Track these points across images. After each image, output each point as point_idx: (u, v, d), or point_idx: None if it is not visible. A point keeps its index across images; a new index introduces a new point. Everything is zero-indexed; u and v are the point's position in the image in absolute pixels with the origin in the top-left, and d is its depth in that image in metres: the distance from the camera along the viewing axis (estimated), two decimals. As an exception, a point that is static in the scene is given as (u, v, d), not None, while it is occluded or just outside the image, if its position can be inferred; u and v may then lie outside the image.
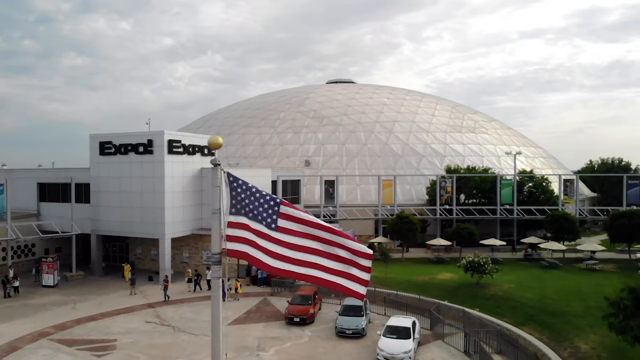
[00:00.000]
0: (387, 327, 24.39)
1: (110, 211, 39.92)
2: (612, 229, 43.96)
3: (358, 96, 76.82)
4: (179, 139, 38.66)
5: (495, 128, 76.78)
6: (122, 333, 27.01)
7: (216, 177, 6.03)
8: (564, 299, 29.39)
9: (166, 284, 33.65)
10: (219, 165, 5.96)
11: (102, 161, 39.97)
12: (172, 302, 33.25)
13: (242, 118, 74.12)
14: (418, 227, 45.78)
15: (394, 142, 65.74)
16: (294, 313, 28.44)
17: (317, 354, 23.99)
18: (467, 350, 23.78)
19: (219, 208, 6.05)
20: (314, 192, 58.55)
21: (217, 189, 5.97)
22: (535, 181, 56.06)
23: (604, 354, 21.35)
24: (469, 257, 33.68)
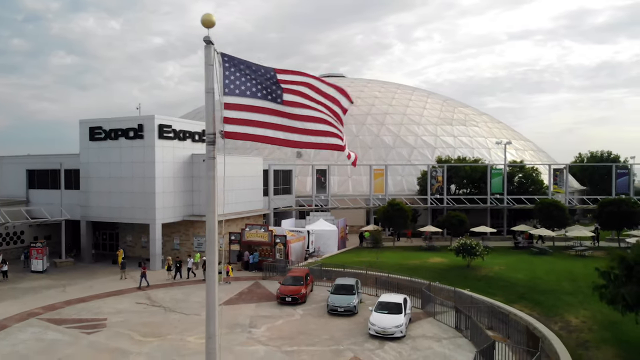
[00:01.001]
0: (378, 303, 24.42)
1: (100, 197, 39.64)
2: (602, 217, 44.36)
3: (349, 89, 75.97)
4: (170, 123, 38.49)
5: (486, 121, 77.27)
6: (112, 313, 26.83)
7: (210, 55, 5.98)
8: (554, 279, 29.61)
9: (144, 270, 32.78)
10: (212, 44, 5.91)
11: (92, 147, 39.68)
12: (163, 285, 33.10)
13: (234, 110, 73.84)
14: (409, 214, 45.89)
15: (385, 134, 65.91)
16: (286, 293, 28.41)
17: (309, 329, 23.98)
18: (459, 326, 23.88)
19: (212, 87, 6.01)
20: (306, 183, 58.58)
21: (210, 67, 5.92)
22: (525, 171, 56.47)
23: (594, 327, 21.52)
24: (461, 240, 33.84)
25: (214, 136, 6.21)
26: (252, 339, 22.81)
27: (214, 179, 7.00)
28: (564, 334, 21.53)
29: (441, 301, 26.37)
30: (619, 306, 18.64)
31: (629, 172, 51.99)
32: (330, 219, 46.41)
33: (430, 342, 22.16)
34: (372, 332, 22.63)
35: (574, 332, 21.54)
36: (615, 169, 51.87)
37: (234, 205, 42.59)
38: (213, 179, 6.74)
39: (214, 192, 6.80)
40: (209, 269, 7.15)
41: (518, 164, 57.54)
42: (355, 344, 21.96)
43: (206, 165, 6.67)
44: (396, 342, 22.05)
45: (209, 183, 6.75)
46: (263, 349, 21.49)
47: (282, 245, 37.54)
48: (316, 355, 20.68)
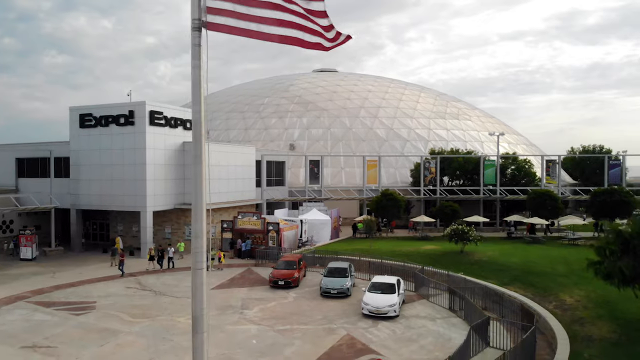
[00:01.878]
0: (372, 283, 24.24)
1: (90, 185, 39.17)
2: (594, 206, 44.45)
3: (343, 83, 76.74)
4: (161, 110, 38.08)
5: (479, 116, 77.34)
6: (101, 296, 26.46)
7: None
8: (547, 263, 29.54)
9: (122, 258, 31.70)
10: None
11: (82, 134, 39.19)
12: (153, 271, 32.64)
13: (226, 104, 73.47)
14: (402, 204, 45.74)
15: (378, 127, 65.77)
16: (279, 277, 28.14)
17: (302, 310, 23.73)
18: (452, 307, 23.70)
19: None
20: (299, 175, 58.27)
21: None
22: (518, 163, 56.50)
23: (589, 305, 21.41)
24: (454, 225, 33.72)
25: (199, 22, 5.92)
26: (244, 319, 22.54)
27: (202, 111, 6.76)
28: (558, 312, 21.41)
29: (435, 284, 26.22)
30: (615, 281, 18.54)
31: (621, 164, 52.16)
32: (324, 209, 46.17)
33: (424, 322, 21.97)
34: (366, 311, 22.42)
35: (569, 310, 21.42)
36: (607, 160, 52.05)
37: (225, 194, 42.26)
38: (200, 113, 6.53)
39: (201, 176, 6.58)
40: (195, 244, 6.91)
41: (511, 155, 57.59)
42: (349, 322, 21.73)
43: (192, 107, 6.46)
44: (389, 321, 21.85)
45: (196, 148, 6.54)
46: (255, 327, 21.22)
47: (274, 232, 37.26)
48: (309, 333, 20.44)
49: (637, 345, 16.94)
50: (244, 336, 20.11)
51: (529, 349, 17.00)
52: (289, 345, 19.04)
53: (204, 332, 7.07)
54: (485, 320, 18.92)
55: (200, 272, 7.27)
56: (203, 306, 7.25)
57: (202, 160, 7.10)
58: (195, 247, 7.08)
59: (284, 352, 18.26)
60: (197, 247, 7.06)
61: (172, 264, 33.64)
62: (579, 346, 17.44)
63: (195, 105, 7.18)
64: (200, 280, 7.05)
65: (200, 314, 7.08)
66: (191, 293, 7.19)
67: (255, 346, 18.97)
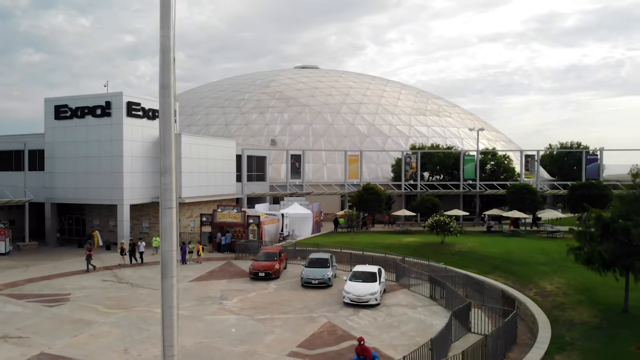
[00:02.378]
0: (353, 272, 24.05)
1: (66, 178, 38.26)
2: (573, 200, 44.92)
3: (324, 79, 76.53)
4: (139, 101, 37.36)
5: (458, 113, 77.88)
6: (76, 289, 25.79)
7: None
8: (527, 254, 29.65)
9: (89, 252, 30.27)
10: None
11: (58, 125, 38.27)
12: (131, 265, 31.92)
13: (206, 99, 72.70)
14: (384, 198, 45.67)
15: (360, 123, 65.72)
16: (259, 268, 27.75)
17: (282, 300, 23.41)
18: (433, 296, 23.62)
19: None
20: (280, 171, 57.86)
21: None
22: (497, 159, 56.92)
23: (569, 292, 21.48)
24: (435, 217, 33.72)
25: None
26: (223, 309, 22.14)
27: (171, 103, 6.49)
28: (539, 299, 21.46)
29: (415, 274, 26.13)
30: (596, 266, 18.61)
31: (598, 158, 52.90)
32: (305, 203, 45.85)
33: (405, 310, 21.83)
34: (347, 300, 22.20)
35: (549, 297, 21.48)
36: (585, 155, 52.77)
37: (206, 188, 41.71)
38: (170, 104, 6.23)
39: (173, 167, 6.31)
40: (164, 234, 6.66)
41: (490, 151, 58.02)
42: (330, 311, 21.48)
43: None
44: (371, 309, 21.66)
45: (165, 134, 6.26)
46: (234, 317, 20.84)
47: (255, 226, 36.83)
48: (289, 321, 20.13)
49: (619, 328, 16.99)
50: (223, 325, 19.72)
51: (511, 332, 16.97)
52: (269, 333, 18.71)
53: (174, 303, 6.85)
54: (467, 306, 18.84)
55: (169, 254, 7.03)
56: (173, 282, 7.03)
57: (172, 148, 6.86)
58: (164, 229, 6.85)
59: (264, 340, 17.92)
60: (166, 225, 6.82)
61: (141, 259, 32.55)
62: (560, 330, 17.45)
63: (164, 89, 6.88)
64: (170, 273, 6.85)
65: (170, 289, 6.86)
66: (160, 273, 7.00)
67: (234, 334, 18.59)
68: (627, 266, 17.97)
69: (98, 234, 38.26)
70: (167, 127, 6.82)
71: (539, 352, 15.19)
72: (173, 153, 6.57)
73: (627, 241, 17.87)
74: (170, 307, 6.95)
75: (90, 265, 30.07)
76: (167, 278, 6.91)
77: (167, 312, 6.91)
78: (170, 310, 7.02)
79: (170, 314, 6.89)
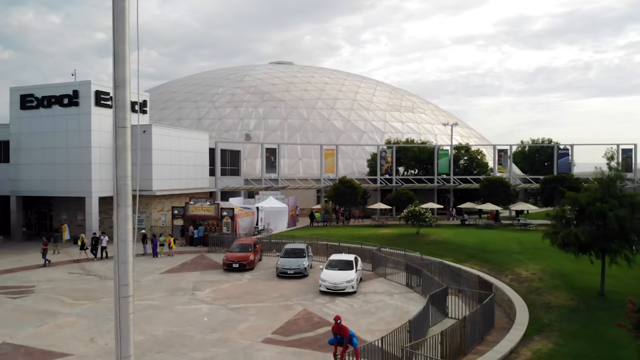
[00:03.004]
0: (329, 260, 23.68)
1: (32, 170, 36.88)
2: (545, 192, 45.51)
3: (300, 74, 76.01)
4: (108, 90, 36.17)
5: (432, 109, 78.37)
6: (41, 281, 24.78)
7: None
8: (502, 243, 29.80)
9: (45, 246, 28.61)
10: None
11: (24, 116, 36.87)
12: (86, 259, 30.51)
13: (178, 93, 71.38)
14: (360, 191, 45.46)
15: (335, 118, 65.41)
16: (233, 259, 27.12)
17: (257, 290, 22.87)
18: (410, 284, 23.41)
19: None
20: (255, 166, 57.08)
21: None
22: (471, 154, 57.33)
23: (545, 277, 21.53)
24: (410, 207, 33.63)
25: None
26: (195, 299, 21.50)
27: None
28: (515, 285, 21.45)
29: (392, 263, 25.91)
30: (572, 249, 18.64)
31: (570, 153, 53.72)
32: (281, 197, 45.30)
33: (382, 297, 21.56)
34: (323, 288, 21.81)
35: (525, 282, 21.49)
36: (556, 149, 53.59)
37: (177, 181, 40.75)
38: None
39: None
40: (120, 224, 6.26)
41: (464, 146, 58.44)
42: (306, 299, 21.05)
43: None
44: (347, 297, 21.32)
45: None
46: (207, 307, 20.23)
47: (229, 218, 36.11)
48: (264, 309, 19.62)
49: (597, 311, 17.02)
50: (195, 315, 19.10)
51: (489, 316, 16.82)
52: (243, 321, 18.17)
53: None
54: (444, 290, 18.65)
55: (125, 244, 6.65)
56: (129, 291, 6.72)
57: (127, 133, 6.44)
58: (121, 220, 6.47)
59: (238, 328, 17.38)
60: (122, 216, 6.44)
61: (105, 254, 30.97)
62: (537, 312, 17.40)
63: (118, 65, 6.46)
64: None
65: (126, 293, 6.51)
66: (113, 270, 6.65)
67: (206, 323, 18.00)
68: (603, 249, 18.05)
69: (67, 228, 36.98)
70: (122, 110, 6.40)
71: (518, 333, 15.06)
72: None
73: (603, 224, 17.95)
74: (126, 297, 6.53)
75: (46, 259, 28.48)
76: (123, 264, 6.55)
77: (123, 302, 6.51)
78: (126, 300, 6.59)
79: (125, 304, 6.48)
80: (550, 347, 14.11)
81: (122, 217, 6.53)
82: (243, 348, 15.35)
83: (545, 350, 13.80)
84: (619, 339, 14.23)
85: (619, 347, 13.76)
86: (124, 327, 6.65)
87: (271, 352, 15.00)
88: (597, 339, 14.62)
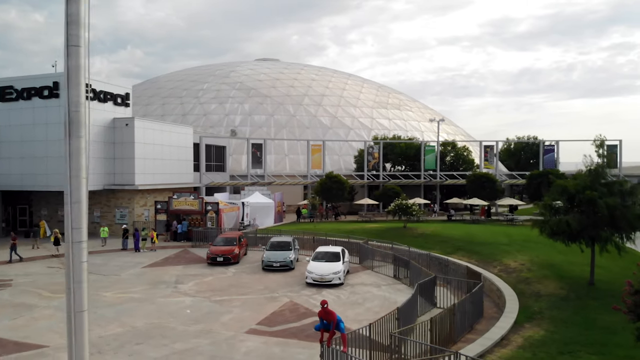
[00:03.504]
0: (316, 252, 23.26)
1: (11, 163, 35.90)
2: (532, 188, 45.55)
3: (286, 71, 75.43)
4: (89, 82, 35.35)
5: (419, 107, 78.34)
6: (19, 275, 24.04)
7: None
8: (489, 235, 29.57)
9: (14, 242, 27.64)
10: None
11: (3, 108, 35.86)
12: (57, 255, 29.62)
13: (162, 89, 70.39)
14: (347, 187, 45.08)
15: (322, 115, 64.96)
16: (217, 253, 26.55)
17: (242, 283, 22.35)
18: (397, 276, 23.07)
19: None
20: (241, 162, 56.43)
21: None
22: (457, 151, 57.29)
23: (533, 268, 21.28)
24: (397, 201, 33.31)
25: None
26: (178, 292, 20.93)
27: None
28: (503, 275, 21.18)
29: (379, 255, 25.54)
30: (561, 237, 18.42)
31: (555, 149, 53.86)
32: (267, 193, 44.71)
33: (369, 288, 21.17)
34: (310, 280, 21.36)
35: (514, 273, 21.23)
36: (542, 145, 53.71)
37: (161, 176, 39.96)
38: None
39: None
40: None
41: (450, 142, 58.42)
42: (292, 291, 20.59)
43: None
44: (334, 288, 20.91)
45: None
46: (189, 299, 19.67)
47: (214, 213, 35.46)
48: (249, 301, 19.12)
49: (587, 299, 16.79)
50: (177, 307, 18.53)
51: (478, 305, 16.50)
52: (227, 313, 17.65)
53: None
54: (432, 280, 18.31)
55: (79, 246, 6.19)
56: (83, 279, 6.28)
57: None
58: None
59: (221, 319, 16.86)
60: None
61: None
62: (527, 301, 17.12)
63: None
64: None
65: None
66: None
67: (189, 315, 17.45)
68: (593, 237, 17.83)
69: (45, 224, 36.05)
70: (75, 94, 6.00)
71: (509, 321, 14.74)
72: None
73: (592, 212, 17.74)
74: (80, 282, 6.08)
75: (16, 255, 27.42)
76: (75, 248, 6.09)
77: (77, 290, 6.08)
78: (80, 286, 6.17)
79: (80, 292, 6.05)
80: (541, 333, 13.81)
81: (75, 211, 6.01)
82: (226, 339, 14.84)
83: (537, 337, 13.49)
84: (612, 326, 13.99)
85: (612, 334, 13.50)
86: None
87: (255, 342, 14.51)
88: (589, 326, 14.36)
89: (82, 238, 5.71)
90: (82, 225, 5.75)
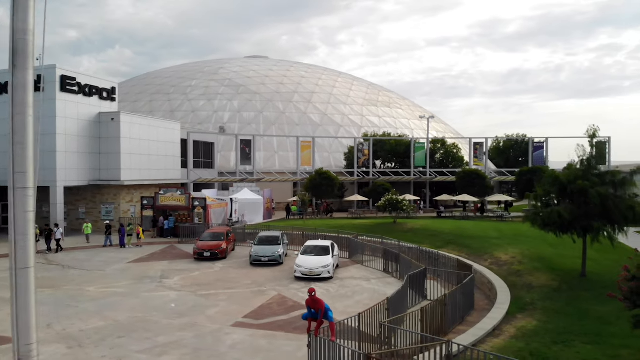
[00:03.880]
0: (305, 246, 22.86)
1: (-7, 158, 35.10)
2: (521, 184, 45.49)
3: (275, 68, 74.97)
4: (74, 76, 34.69)
5: (409, 105, 78.25)
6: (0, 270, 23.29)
7: None
8: (479, 230, 29.38)
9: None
10: None
11: (-20, 102, 35.05)
12: (50, 250, 29.00)
13: (150, 86, 69.58)
14: (337, 183, 44.73)
15: (312, 112, 64.57)
16: (204, 248, 26.00)
17: (229, 278, 21.87)
18: (387, 269, 22.74)
19: None
20: (230, 159, 55.84)
21: None
22: (447, 148, 57.17)
23: (524, 261, 21.04)
24: (387, 196, 33.01)
25: None
26: (163, 286, 20.40)
27: None
28: (495, 268, 20.94)
29: (369, 250, 25.20)
30: (553, 228, 18.18)
31: (544, 147, 53.90)
32: (256, 190, 44.23)
33: (359, 282, 20.81)
34: (299, 274, 20.94)
35: (505, 266, 20.99)
36: (531, 142, 53.74)
37: (147, 172, 39.32)
38: None
39: None
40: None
41: (440, 139, 58.28)
42: (280, 285, 20.17)
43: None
44: (324, 282, 20.50)
45: None
46: (174, 294, 19.16)
47: (201, 209, 34.91)
48: (236, 295, 18.66)
49: (579, 291, 16.55)
50: (162, 301, 18.02)
51: (469, 296, 16.20)
52: (213, 306, 17.17)
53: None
54: (422, 272, 17.99)
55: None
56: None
57: None
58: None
59: (206, 313, 16.38)
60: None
61: (60, 247, 28.79)
62: (519, 292, 16.85)
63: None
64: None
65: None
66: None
67: (173, 309, 16.95)
68: (585, 227, 17.60)
69: None
70: (22, 77, 5.51)
71: (501, 312, 14.44)
72: None
73: (584, 202, 17.51)
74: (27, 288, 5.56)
75: None
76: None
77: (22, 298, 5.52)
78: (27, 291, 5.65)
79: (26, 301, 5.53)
80: (534, 324, 13.52)
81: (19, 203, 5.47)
82: (211, 332, 14.38)
83: (529, 327, 13.19)
84: (606, 316, 13.74)
85: (606, 324, 13.24)
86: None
87: (241, 335, 14.07)
88: (582, 316, 14.09)
89: (28, 184, 5.08)
90: (28, 170, 5.14)
